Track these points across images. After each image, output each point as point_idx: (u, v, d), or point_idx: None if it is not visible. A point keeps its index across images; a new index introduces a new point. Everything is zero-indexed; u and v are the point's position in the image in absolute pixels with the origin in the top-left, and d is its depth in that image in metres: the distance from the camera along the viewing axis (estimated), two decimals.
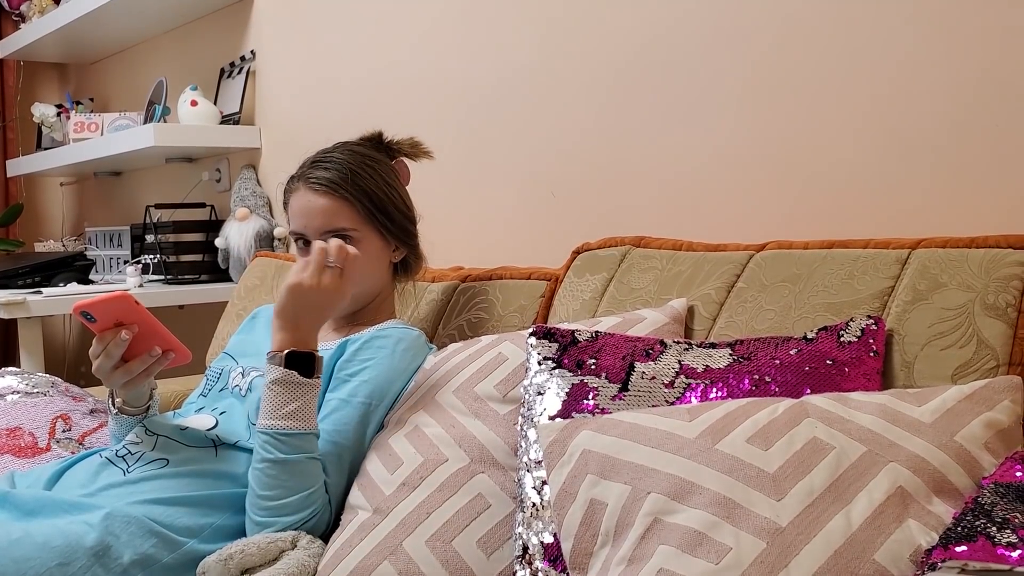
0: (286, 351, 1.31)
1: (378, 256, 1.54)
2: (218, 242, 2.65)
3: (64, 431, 1.67)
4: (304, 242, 1.53)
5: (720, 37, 1.57)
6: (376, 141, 1.62)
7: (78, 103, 3.37)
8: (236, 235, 2.60)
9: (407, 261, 1.61)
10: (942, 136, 1.32)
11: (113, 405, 1.47)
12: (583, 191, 1.81)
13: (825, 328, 1.16)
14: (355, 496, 1.31)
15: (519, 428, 1.24)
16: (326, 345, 1.52)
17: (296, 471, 1.29)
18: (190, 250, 2.77)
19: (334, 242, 1.34)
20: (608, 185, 1.76)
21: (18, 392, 1.72)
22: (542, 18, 1.86)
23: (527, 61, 1.90)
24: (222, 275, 2.74)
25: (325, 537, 1.31)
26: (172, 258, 2.74)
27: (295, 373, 1.30)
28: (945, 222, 1.31)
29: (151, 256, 2.77)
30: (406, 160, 1.64)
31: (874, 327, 1.14)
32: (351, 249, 1.35)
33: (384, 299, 1.60)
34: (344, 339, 1.49)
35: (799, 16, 1.47)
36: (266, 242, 2.61)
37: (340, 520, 1.30)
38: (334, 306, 1.34)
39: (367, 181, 1.51)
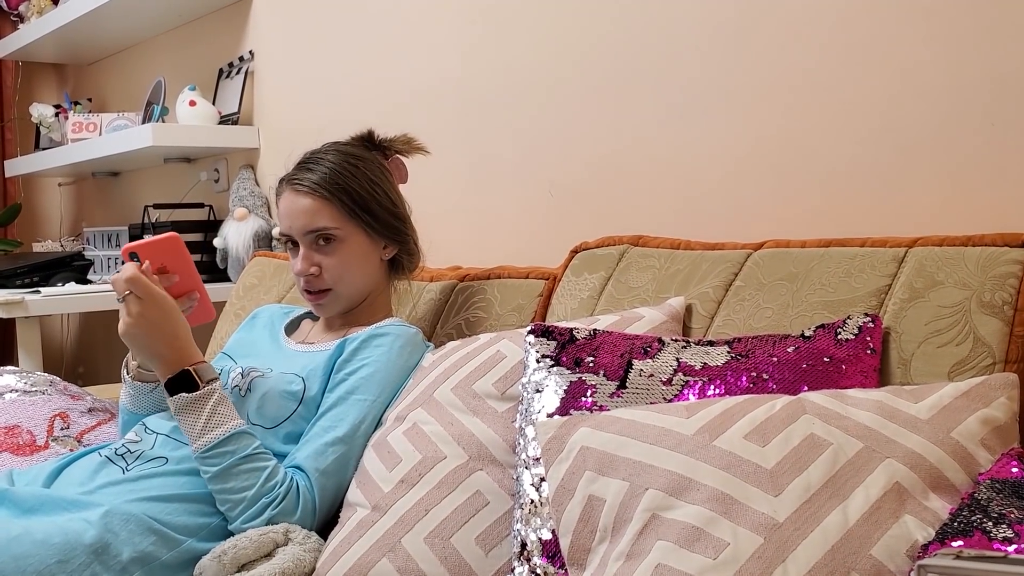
0: (165, 382, 1.36)
1: (365, 254, 1.54)
2: (216, 242, 2.65)
3: (62, 429, 1.67)
4: (292, 243, 1.54)
5: (718, 37, 1.58)
6: (367, 140, 1.62)
7: (76, 103, 3.37)
8: (234, 235, 2.60)
9: (400, 258, 1.61)
10: (938, 135, 1.33)
11: (128, 372, 1.50)
12: (581, 190, 1.81)
13: (822, 326, 1.17)
14: (354, 493, 1.31)
15: (517, 425, 1.24)
16: (323, 346, 1.52)
17: (233, 474, 1.31)
18: (188, 250, 2.76)
19: (120, 274, 1.35)
20: (606, 184, 1.77)
21: (16, 391, 1.72)
22: (540, 17, 1.87)
23: (525, 60, 1.90)
24: (220, 275, 2.74)
25: (323, 533, 1.31)
26: None
27: (183, 394, 1.34)
28: (942, 221, 1.32)
29: None
30: (403, 159, 1.64)
31: (871, 325, 1.14)
32: (129, 271, 1.34)
33: (379, 297, 1.61)
34: (342, 339, 1.49)
35: (797, 16, 1.47)
36: (264, 242, 2.61)
37: (339, 517, 1.31)
38: (162, 319, 1.35)
39: (349, 180, 1.51)
